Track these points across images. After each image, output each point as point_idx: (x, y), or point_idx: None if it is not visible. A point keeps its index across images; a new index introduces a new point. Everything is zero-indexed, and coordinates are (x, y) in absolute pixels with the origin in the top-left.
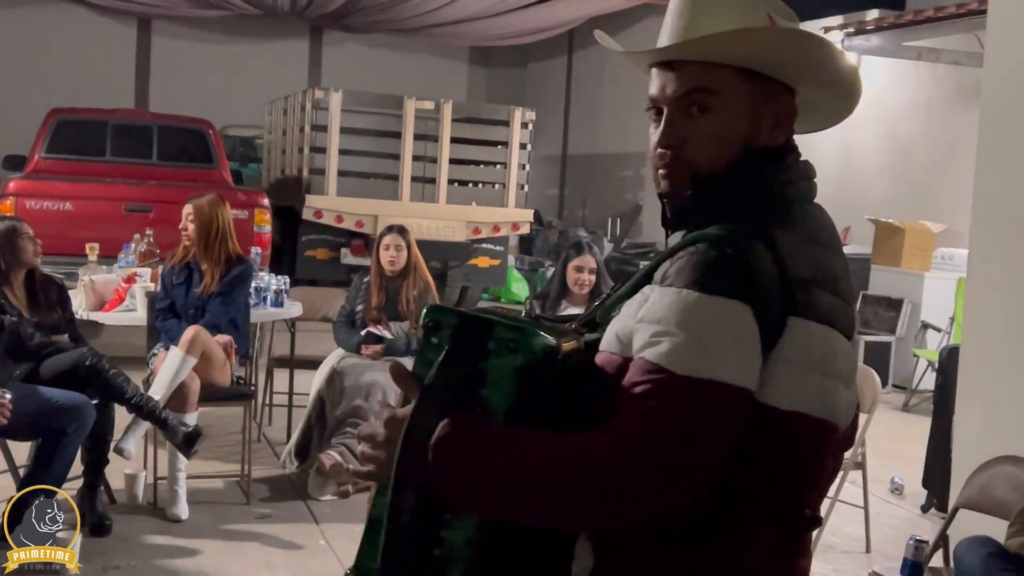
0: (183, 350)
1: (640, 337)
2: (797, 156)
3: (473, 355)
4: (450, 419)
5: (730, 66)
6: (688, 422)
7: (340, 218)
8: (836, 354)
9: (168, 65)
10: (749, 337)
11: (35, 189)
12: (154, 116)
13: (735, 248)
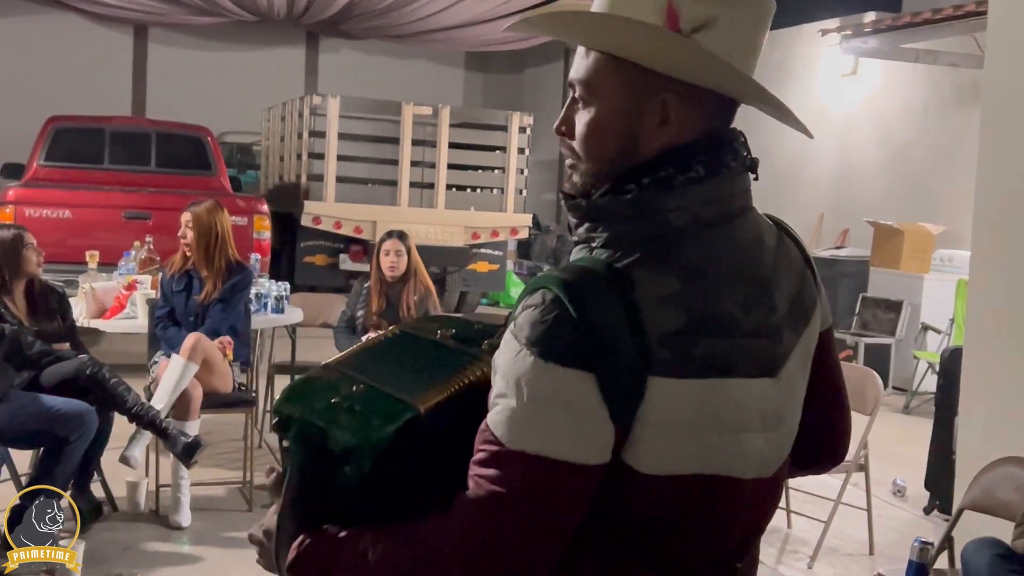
0: (185, 357)
1: (492, 389)
2: (707, 170)
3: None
4: (299, 540)
5: (604, 53)
6: (516, 501)
7: (339, 224)
8: (725, 405)
9: (165, 72)
10: (589, 408)
11: (34, 197)
12: (152, 123)
13: (578, 304)
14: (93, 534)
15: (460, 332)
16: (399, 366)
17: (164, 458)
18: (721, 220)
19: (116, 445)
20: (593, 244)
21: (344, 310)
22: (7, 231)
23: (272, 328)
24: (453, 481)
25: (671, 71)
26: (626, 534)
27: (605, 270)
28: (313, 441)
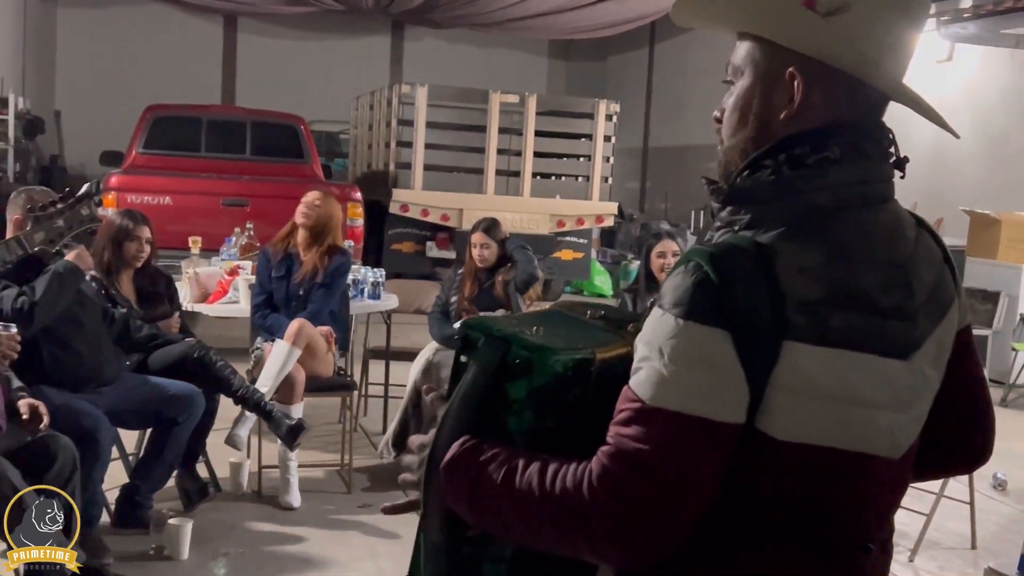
0: (289, 342)
1: (635, 357)
2: (843, 153)
3: (496, 375)
4: (459, 443)
5: (753, 36)
6: (654, 457)
7: (426, 212)
8: (857, 378)
9: (254, 62)
10: (726, 366)
11: (135, 184)
12: (247, 112)
13: (720, 270)
14: (199, 513)
15: (607, 314)
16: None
17: (266, 440)
18: (862, 203)
19: (220, 427)
20: (736, 227)
21: (439, 295)
22: (117, 220)
23: (367, 314)
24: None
25: (803, 49)
26: (763, 509)
27: (749, 245)
28: (495, 355)
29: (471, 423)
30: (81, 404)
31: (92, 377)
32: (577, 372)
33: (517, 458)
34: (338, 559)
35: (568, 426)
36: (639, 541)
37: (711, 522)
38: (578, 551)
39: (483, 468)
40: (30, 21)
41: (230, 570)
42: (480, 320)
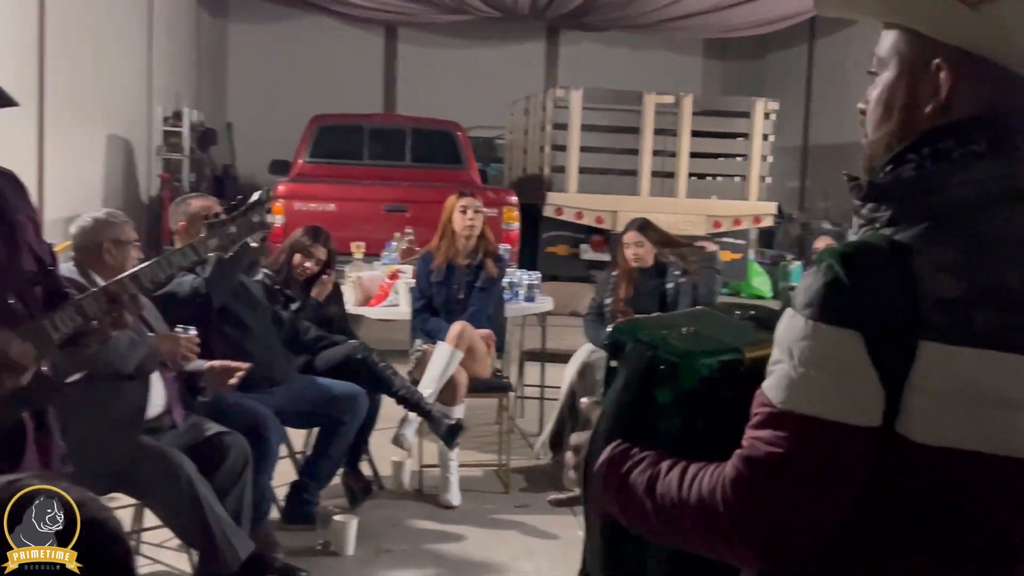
0: (452, 344)
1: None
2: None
3: (643, 380)
4: (609, 448)
5: (899, 26)
6: (786, 461)
7: (580, 214)
8: (1001, 379)
9: (413, 70)
10: (858, 368)
11: (302, 192)
12: (406, 119)
13: (852, 270)
14: (364, 511)
15: (757, 314)
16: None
17: (427, 440)
18: (1008, 199)
19: (382, 427)
20: (877, 224)
21: (593, 298)
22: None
23: (522, 316)
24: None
25: (950, 39)
26: (906, 516)
27: (885, 243)
28: (642, 360)
29: (622, 428)
30: (252, 403)
31: (263, 377)
32: (725, 374)
33: (660, 462)
34: (496, 558)
35: (719, 427)
36: (773, 545)
37: (851, 527)
38: (718, 553)
39: (629, 473)
40: (203, 38)
41: (392, 566)
42: (629, 324)
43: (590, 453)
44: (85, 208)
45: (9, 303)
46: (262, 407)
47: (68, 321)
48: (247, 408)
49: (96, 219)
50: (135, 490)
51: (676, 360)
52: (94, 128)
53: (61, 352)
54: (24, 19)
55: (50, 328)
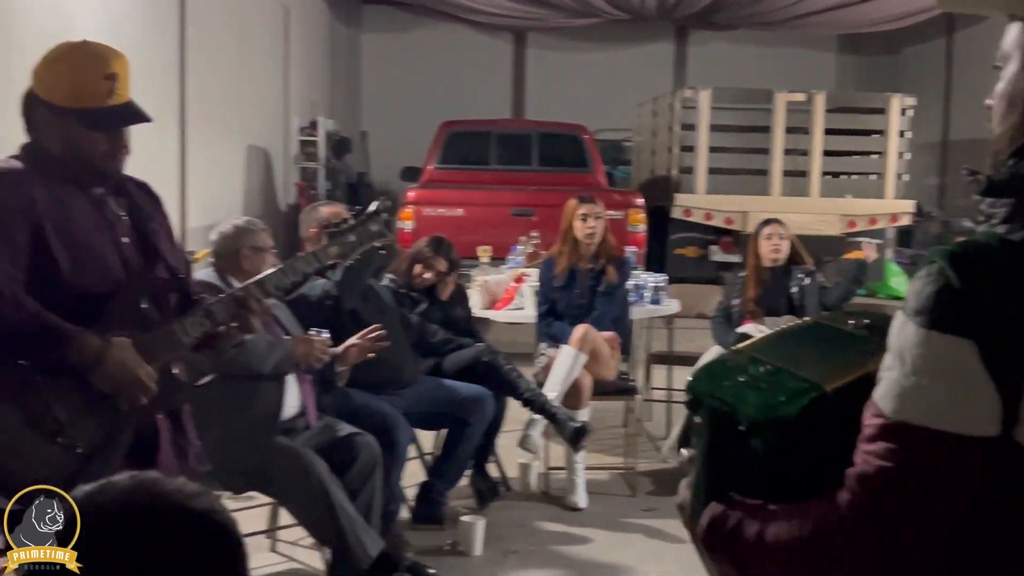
0: (575, 347)
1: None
2: None
3: (728, 438)
4: (708, 513)
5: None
6: (901, 475)
7: (709, 215)
8: None
9: (542, 74)
10: (972, 377)
11: (430, 198)
12: (533, 124)
13: (962, 273)
14: (491, 512)
15: (874, 322)
16: (806, 350)
17: (553, 442)
18: None
19: (509, 429)
20: (993, 220)
21: (720, 300)
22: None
23: (649, 318)
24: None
25: None
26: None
27: (996, 242)
28: (722, 417)
29: (715, 484)
30: (381, 404)
31: (392, 380)
32: (811, 413)
33: (764, 511)
34: (623, 561)
35: (817, 460)
36: (895, 563)
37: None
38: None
39: (736, 537)
40: (338, 49)
41: (519, 567)
42: (706, 374)
43: (692, 513)
44: (226, 217)
45: (143, 308)
46: (391, 408)
47: (198, 325)
48: (376, 409)
49: (235, 226)
50: (270, 489)
51: (756, 416)
52: (234, 139)
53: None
54: (166, 38)
55: (181, 332)
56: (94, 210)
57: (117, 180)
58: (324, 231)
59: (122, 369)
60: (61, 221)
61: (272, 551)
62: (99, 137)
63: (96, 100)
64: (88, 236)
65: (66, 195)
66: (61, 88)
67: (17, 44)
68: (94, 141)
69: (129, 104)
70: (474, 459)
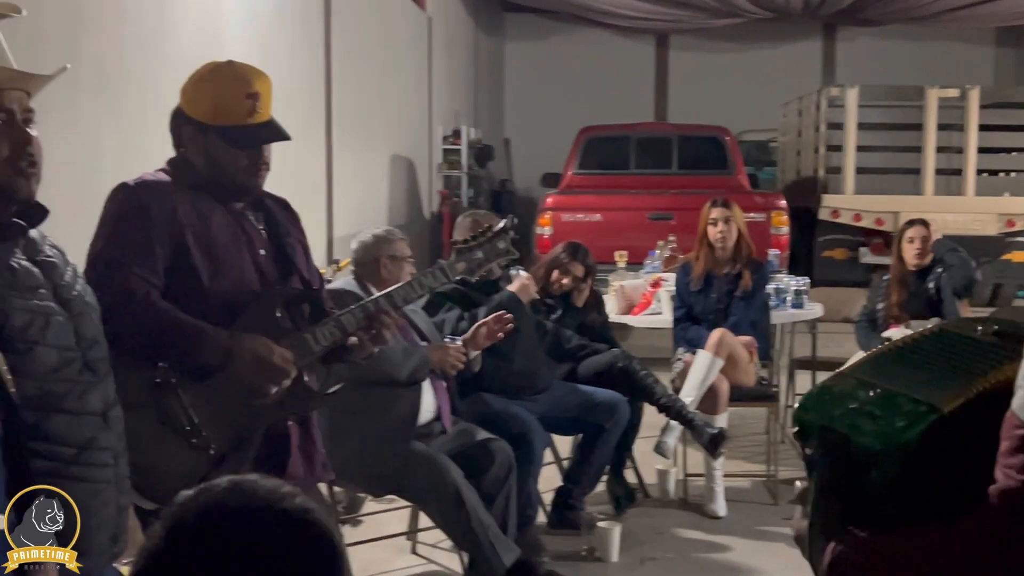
0: (711, 352)
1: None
2: None
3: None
4: (831, 547)
5: None
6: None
7: (858, 216)
8: None
9: (684, 76)
10: None
11: (568, 203)
12: (673, 127)
13: None
14: (628, 518)
15: (1004, 328)
16: (920, 367)
17: (691, 449)
18: None
19: (646, 435)
20: None
21: (865, 304)
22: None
23: (791, 323)
24: (987, 480)
25: None
26: None
27: None
28: (836, 448)
29: (834, 519)
30: (517, 410)
31: (527, 385)
32: (929, 436)
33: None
34: (763, 570)
35: (942, 482)
36: None
37: None
38: None
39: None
40: (481, 58)
41: (656, 574)
42: (815, 402)
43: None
44: (371, 225)
45: (277, 317)
46: (526, 414)
47: (328, 335)
48: (512, 414)
49: (376, 235)
50: (406, 493)
51: (873, 447)
52: (378, 149)
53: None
54: (312, 52)
55: (312, 341)
56: (234, 223)
57: (257, 195)
58: (452, 246)
59: (256, 356)
60: (202, 232)
61: (413, 553)
62: (240, 154)
63: (238, 118)
64: (227, 247)
65: (208, 208)
66: (205, 106)
67: (170, 63)
68: (235, 157)
69: (270, 123)
70: (611, 465)
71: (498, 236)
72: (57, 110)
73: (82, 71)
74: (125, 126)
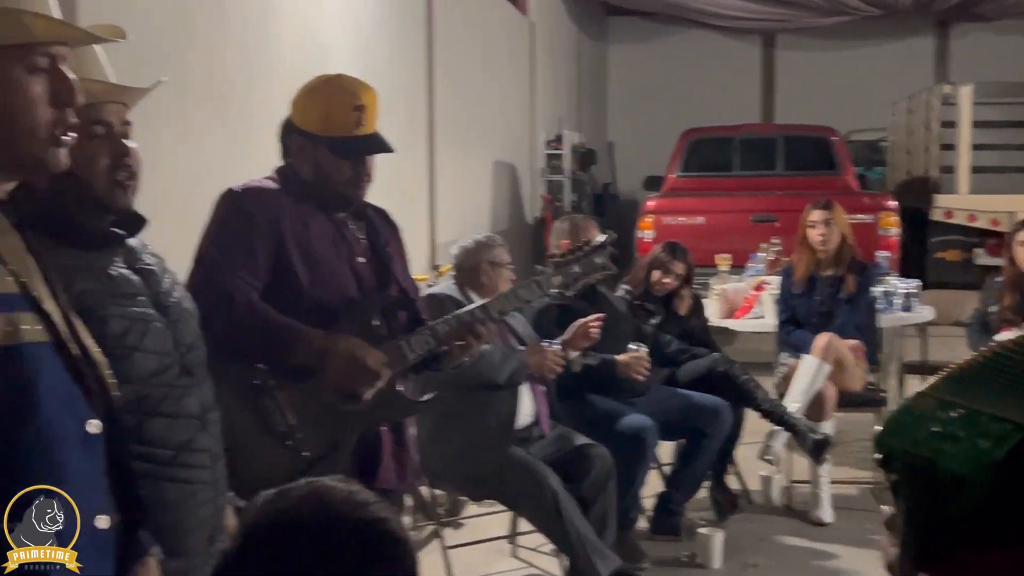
0: (817, 357)
1: None
2: None
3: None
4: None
5: None
6: None
7: (973, 217)
8: None
9: (791, 76)
10: None
11: (670, 206)
12: (778, 128)
13: None
14: (730, 524)
15: None
16: (1003, 382)
17: (796, 454)
18: None
19: (749, 440)
20: None
21: (977, 307)
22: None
23: (901, 326)
24: None
25: None
26: None
27: None
28: (921, 473)
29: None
30: (628, 408)
31: (626, 388)
32: (1017, 455)
33: None
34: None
35: None
36: None
37: None
38: None
39: None
40: (584, 62)
41: None
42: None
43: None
44: (473, 231)
45: (373, 324)
46: (642, 416)
47: (422, 343)
48: (622, 412)
49: (477, 241)
50: (504, 498)
51: (958, 471)
52: (480, 155)
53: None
54: (414, 60)
55: (406, 348)
56: (335, 231)
57: (359, 206)
58: (549, 259)
59: (350, 358)
60: (303, 239)
61: (513, 556)
62: (345, 165)
63: (344, 130)
64: (327, 253)
65: (310, 216)
66: (314, 117)
67: (274, 73)
68: (340, 168)
69: (375, 135)
70: (713, 470)
71: (596, 251)
72: (165, 121)
73: (190, 82)
74: (231, 135)
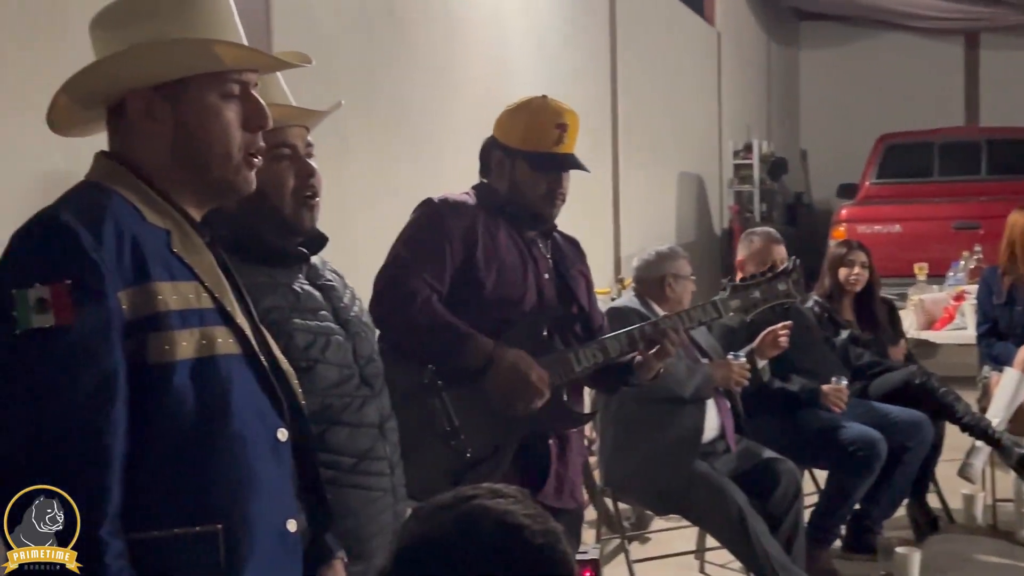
0: (1020, 370)
1: None
2: None
3: None
4: None
5: None
6: None
7: None
8: None
9: (997, 77)
10: None
11: (864, 214)
12: (981, 131)
13: None
14: (930, 544)
15: None
16: None
17: (1001, 472)
18: None
19: (951, 457)
20: None
21: None
22: (834, 249)
23: None
24: None
25: None
26: None
27: None
28: None
29: None
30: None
31: None
32: None
33: None
34: None
35: None
36: None
37: None
38: None
39: None
40: (774, 70)
41: None
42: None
43: None
44: (659, 243)
45: (543, 336)
46: (867, 427)
47: (591, 357)
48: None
49: (659, 253)
50: (689, 513)
51: None
52: (666, 167)
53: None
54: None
55: (574, 361)
56: (523, 245)
57: (550, 226)
58: (728, 283)
59: (514, 371)
60: (492, 249)
61: (700, 572)
62: (541, 179)
63: (545, 145)
64: (513, 265)
65: (502, 230)
66: (517, 131)
67: (460, 92)
68: (536, 182)
69: (572, 155)
70: (912, 488)
71: (779, 278)
72: (356, 144)
73: (378, 104)
74: (419, 155)
